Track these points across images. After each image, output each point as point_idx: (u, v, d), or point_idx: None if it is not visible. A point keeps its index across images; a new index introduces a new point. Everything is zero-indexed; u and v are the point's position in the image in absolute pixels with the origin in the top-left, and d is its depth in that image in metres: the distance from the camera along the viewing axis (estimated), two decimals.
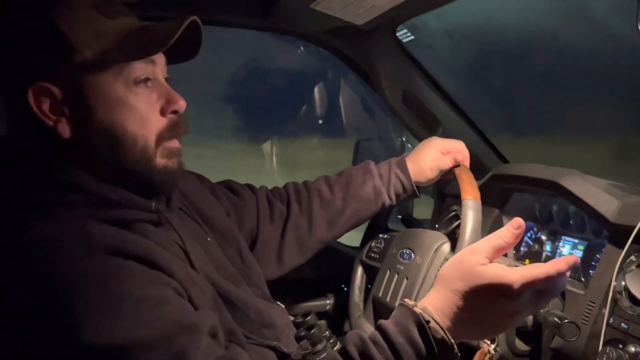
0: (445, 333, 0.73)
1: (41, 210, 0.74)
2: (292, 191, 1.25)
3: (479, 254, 0.76)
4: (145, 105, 0.81)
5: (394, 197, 1.28)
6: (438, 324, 0.73)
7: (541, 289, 0.76)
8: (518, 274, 0.74)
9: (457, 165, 1.31)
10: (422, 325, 0.73)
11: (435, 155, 1.29)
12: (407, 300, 0.78)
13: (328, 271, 1.65)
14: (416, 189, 1.29)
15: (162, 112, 0.83)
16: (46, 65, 0.77)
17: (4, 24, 0.78)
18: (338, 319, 1.65)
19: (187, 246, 0.85)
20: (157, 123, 0.82)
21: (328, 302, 1.68)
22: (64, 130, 0.78)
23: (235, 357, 0.75)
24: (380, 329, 0.76)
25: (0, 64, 0.79)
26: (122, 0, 0.83)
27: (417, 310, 0.75)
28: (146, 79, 0.81)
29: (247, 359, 0.77)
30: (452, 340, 0.74)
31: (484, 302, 0.74)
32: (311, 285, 1.68)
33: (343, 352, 0.77)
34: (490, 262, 0.76)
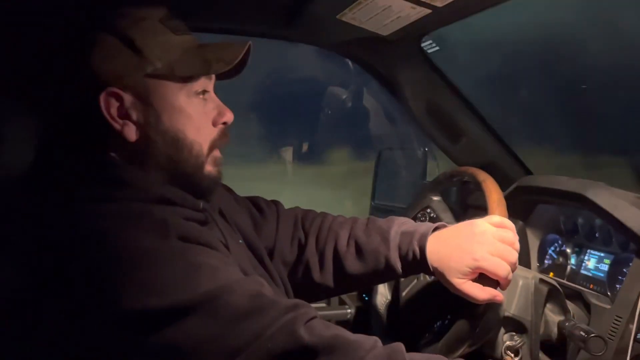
0: None
1: (109, 204, 0.79)
2: (316, 224, 1.17)
3: None
4: (201, 115, 0.88)
5: (409, 271, 1.09)
6: None
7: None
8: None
9: (484, 179, 1.17)
10: None
11: (463, 276, 0.98)
12: None
13: None
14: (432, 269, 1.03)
15: (214, 123, 0.90)
16: (120, 72, 0.82)
17: (80, 34, 0.84)
18: (359, 328, 1.65)
19: (229, 245, 0.91)
20: (210, 132, 0.90)
21: (349, 311, 1.68)
22: (130, 133, 0.83)
23: (305, 304, 0.79)
24: None
25: (77, 69, 0.82)
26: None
27: None
28: (204, 91, 0.88)
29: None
30: None
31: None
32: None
33: None
34: None
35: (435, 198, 1.55)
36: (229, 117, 0.91)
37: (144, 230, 0.75)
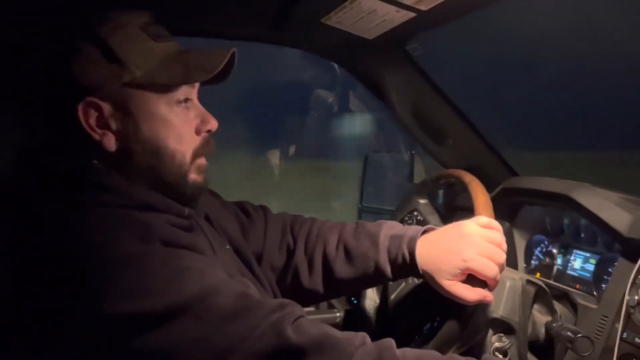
0: None
1: (93, 209, 0.78)
2: (305, 229, 1.17)
3: None
4: (183, 123, 0.87)
5: (398, 275, 1.08)
6: None
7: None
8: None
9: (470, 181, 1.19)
10: None
11: (452, 277, 0.98)
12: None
13: None
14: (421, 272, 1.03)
15: (197, 131, 0.89)
16: (98, 81, 0.81)
17: (58, 41, 0.82)
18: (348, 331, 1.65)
19: (215, 251, 0.90)
20: (192, 141, 0.89)
21: (338, 314, 1.68)
22: (109, 143, 0.82)
23: (294, 303, 0.79)
24: None
25: (53, 79, 0.82)
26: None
27: None
28: (185, 99, 0.87)
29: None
30: None
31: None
32: None
33: None
34: None
35: (422, 201, 1.56)
36: (212, 125, 0.90)
37: (128, 235, 0.75)
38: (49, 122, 0.84)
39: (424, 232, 1.06)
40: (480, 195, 1.14)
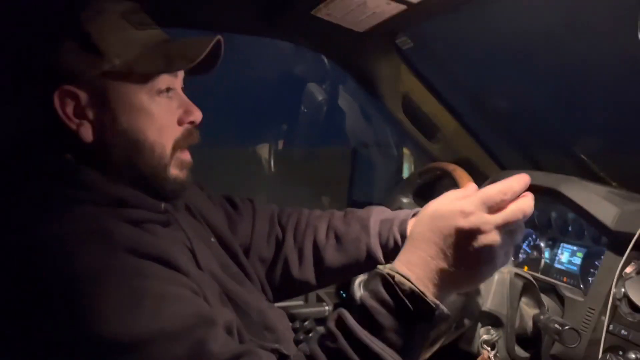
0: (412, 284, 0.69)
1: (58, 207, 0.76)
2: (293, 219, 1.16)
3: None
4: (165, 114, 0.84)
5: (390, 259, 1.06)
6: (403, 276, 0.70)
7: (508, 219, 0.72)
8: (470, 198, 0.72)
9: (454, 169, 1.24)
10: (388, 282, 0.71)
11: None
12: (379, 266, 0.75)
13: None
14: None
15: (180, 122, 0.86)
16: (75, 69, 0.78)
17: (35, 28, 0.80)
18: None
19: (194, 246, 0.87)
20: (174, 132, 0.85)
21: (327, 308, 1.68)
22: (86, 133, 0.80)
23: (252, 351, 0.75)
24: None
25: (29, 66, 0.80)
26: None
27: (385, 270, 0.72)
28: (168, 89, 0.84)
29: (264, 356, 0.76)
30: (422, 290, 0.69)
31: (449, 239, 0.71)
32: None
33: (325, 328, 0.75)
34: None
35: (405, 200, 1.56)
36: (196, 116, 0.87)
37: (91, 243, 0.72)
38: (23, 110, 0.82)
39: (414, 215, 1.06)
40: (464, 179, 1.17)
